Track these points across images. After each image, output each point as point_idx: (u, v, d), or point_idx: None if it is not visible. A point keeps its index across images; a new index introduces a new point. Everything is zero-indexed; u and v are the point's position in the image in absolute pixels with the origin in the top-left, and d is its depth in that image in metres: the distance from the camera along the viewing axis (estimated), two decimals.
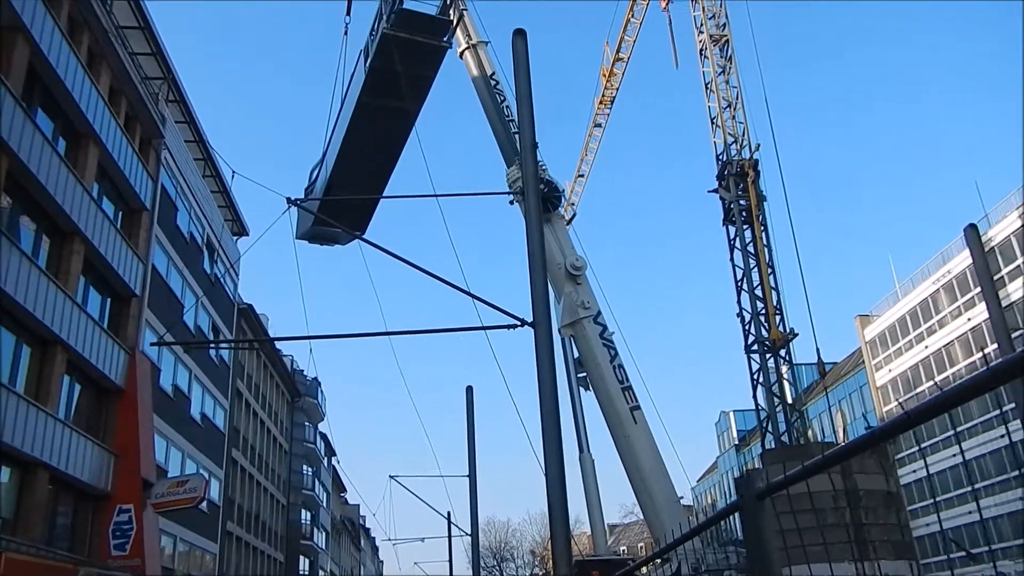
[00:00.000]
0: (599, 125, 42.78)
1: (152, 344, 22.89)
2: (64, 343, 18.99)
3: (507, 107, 24.13)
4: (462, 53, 25.39)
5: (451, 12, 20.83)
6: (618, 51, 38.73)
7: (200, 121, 30.59)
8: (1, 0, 16.49)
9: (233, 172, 30.07)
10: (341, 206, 23.85)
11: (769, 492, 2.47)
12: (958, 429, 42.71)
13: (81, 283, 20.74)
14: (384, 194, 24.15)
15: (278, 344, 43.74)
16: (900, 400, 48.73)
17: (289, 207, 13.56)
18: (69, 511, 20.15)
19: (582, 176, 44.71)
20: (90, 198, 20.55)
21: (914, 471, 46.22)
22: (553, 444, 10.10)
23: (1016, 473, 36.00)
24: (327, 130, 23.84)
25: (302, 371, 51.96)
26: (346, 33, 23.47)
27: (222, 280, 33.98)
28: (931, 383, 45.13)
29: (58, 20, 18.88)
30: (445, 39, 20.62)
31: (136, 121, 24.54)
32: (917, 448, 45.12)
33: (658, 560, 16.84)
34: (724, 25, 28.57)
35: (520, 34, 13.34)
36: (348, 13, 23.71)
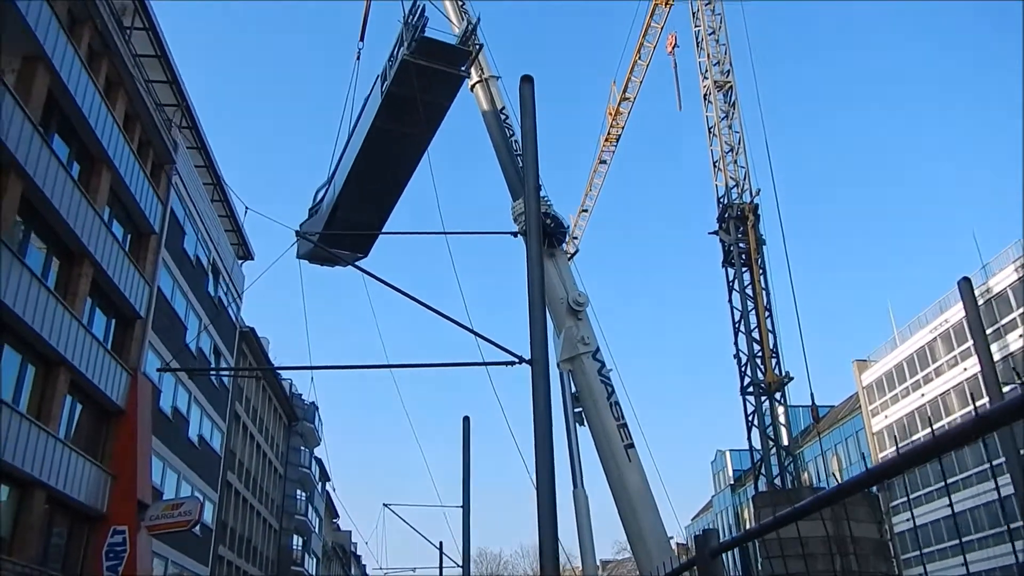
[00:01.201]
0: (604, 162, 43.41)
1: (158, 370, 23.13)
2: (68, 363, 19.25)
3: (515, 141, 24.51)
4: (473, 87, 25.85)
5: (470, 43, 21.16)
6: (624, 91, 39.42)
7: (211, 147, 31.13)
8: (26, 31, 16.98)
9: (247, 208, 30.50)
10: (345, 229, 23.91)
11: (722, 550, 2.75)
12: (949, 481, 42.67)
13: (88, 305, 21.06)
14: (389, 219, 24.43)
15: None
16: (895, 447, 48.75)
17: (298, 240, 13.86)
18: (64, 531, 20.28)
19: (586, 211, 45.26)
20: (101, 221, 20.93)
21: (907, 520, 46.13)
22: (546, 479, 10.35)
23: (1003, 528, 35.97)
24: (334, 152, 24.06)
25: (300, 395, 52.13)
26: (358, 58, 23.94)
27: (226, 303, 34.31)
28: (926, 431, 45.18)
29: (79, 50, 19.39)
30: (463, 68, 20.78)
31: (149, 146, 25.04)
32: (907, 498, 45.06)
33: None
34: (728, 72, 29.16)
35: (527, 80, 13.78)
36: (362, 39, 24.26)
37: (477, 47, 20.88)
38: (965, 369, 42.63)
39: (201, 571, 31.06)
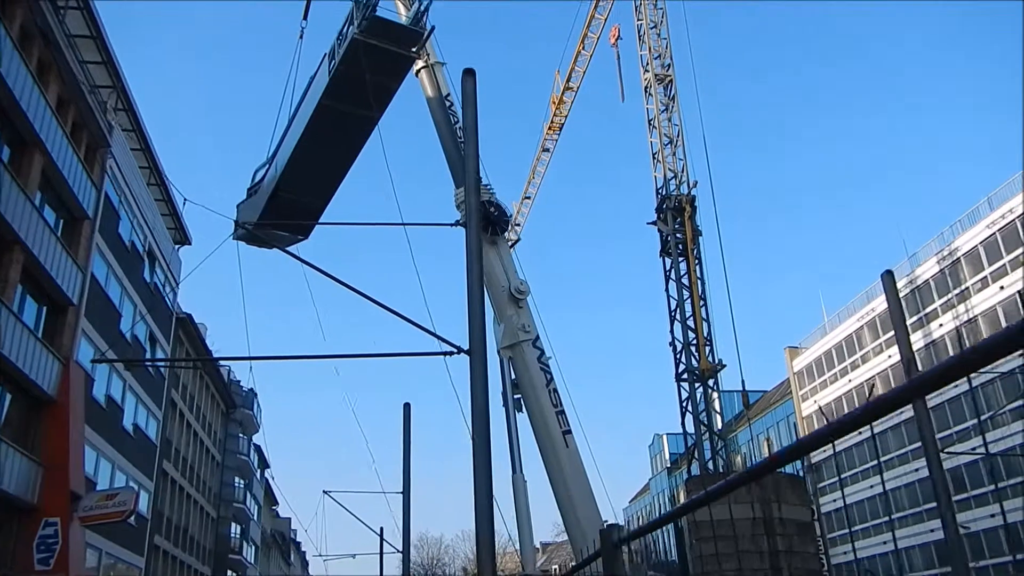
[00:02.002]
0: (547, 150, 43.77)
1: (93, 361, 22.64)
2: None
3: (460, 128, 24.55)
4: (418, 72, 25.75)
5: (421, 24, 20.83)
6: (568, 81, 39.76)
7: (147, 130, 30.47)
8: None
9: (184, 199, 29.83)
10: (286, 209, 23.40)
11: (622, 542, 3.05)
12: (875, 463, 44.44)
13: (18, 292, 20.54)
14: (331, 201, 24.08)
15: (215, 353, 43.35)
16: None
17: (236, 230, 13.78)
18: None
19: (528, 199, 45.61)
20: (32, 207, 20.43)
21: (834, 500, 47.91)
22: (483, 466, 10.62)
23: (931, 506, 37.70)
24: (274, 132, 23.52)
25: (238, 382, 51.44)
26: (301, 38, 23.58)
27: (162, 289, 33.69)
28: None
29: (9, 30, 18.83)
30: (414, 50, 20.53)
31: (83, 130, 24.41)
32: (837, 479, 46.77)
33: None
34: (669, 65, 29.69)
35: (470, 73, 13.94)
36: (305, 17, 23.87)
37: (429, 28, 20.61)
38: (890, 356, 44.32)
39: (136, 562, 30.62)
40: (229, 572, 49.09)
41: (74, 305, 23.42)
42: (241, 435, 52.97)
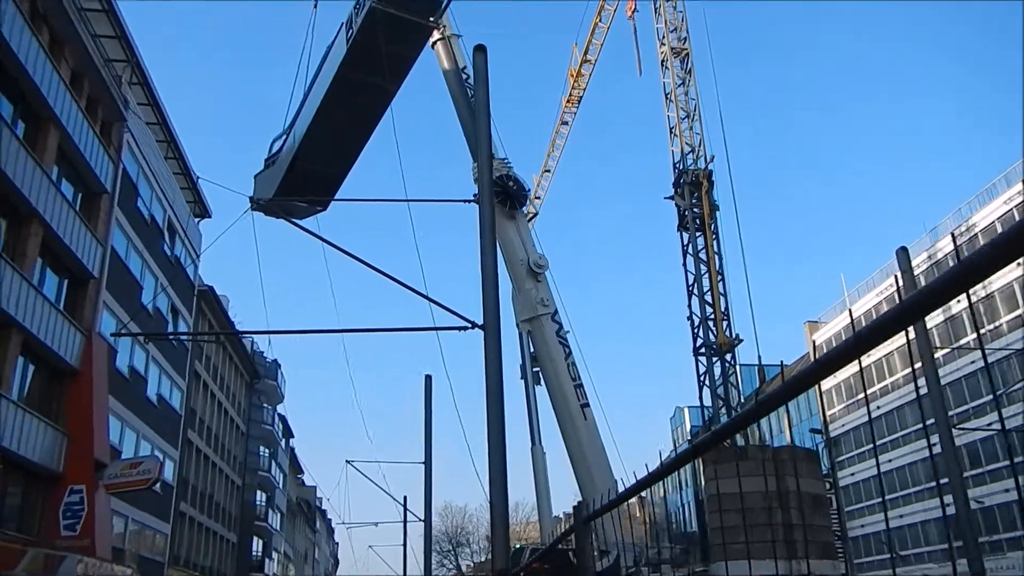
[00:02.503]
0: (566, 123, 43.48)
1: (113, 334, 22.93)
2: (19, 325, 19.13)
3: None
4: (434, 44, 25.55)
5: None
6: (586, 53, 39.32)
7: (163, 103, 30.59)
8: None
9: (197, 177, 29.88)
10: (304, 180, 23.24)
11: (592, 518, 3.10)
12: (888, 438, 44.18)
13: (38, 265, 20.84)
14: (350, 171, 23.86)
15: (237, 325, 43.83)
16: (843, 404, 50.11)
17: (251, 207, 13.84)
18: (19, 492, 20.33)
19: (548, 171, 45.39)
20: (49, 181, 20.63)
21: (852, 474, 47.75)
22: (497, 441, 10.68)
23: (933, 484, 37.58)
24: (290, 102, 23.32)
25: (262, 352, 52.01)
26: (315, 7, 23.44)
27: (182, 262, 34.02)
28: (872, 389, 46.58)
29: (20, 5, 18.90)
30: (432, 19, 20.25)
31: (98, 104, 24.55)
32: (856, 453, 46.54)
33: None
34: (685, 39, 29.24)
35: (480, 49, 13.80)
36: None
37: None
38: (910, 330, 43.78)
39: (163, 528, 31.30)
40: (255, 538, 50.06)
41: (95, 278, 23.73)
42: (265, 405, 53.70)
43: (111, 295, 24.97)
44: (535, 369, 24.69)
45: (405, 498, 31.17)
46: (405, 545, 31.67)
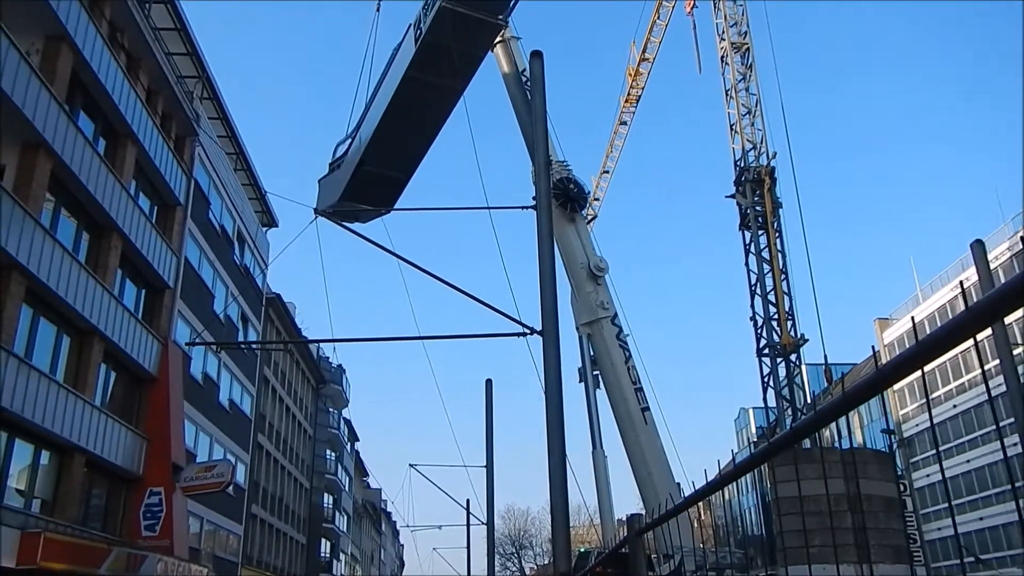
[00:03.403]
0: (624, 123, 43.37)
1: (188, 343, 23.68)
2: (101, 334, 20.00)
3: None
4: (494, 47, 25.65)
5: None
6: (644, 51, 39.20)
7: (232, 117, 31.58)
8: (48, 11, 17.36)
9: (265, 192, 30.55)
10: (369, 184, 23.34)
11: (644, 531, 3.20)
12: (966, 438, 42.75)
13: (118, 276, 21.75)
14: (415, 173, 23.94)
15: (304, 332, 44.87)
16: (917, 403, 48.78)
17: (316, 218, 14.23)
18: (103, 493, 21.24)
19: (607, 172, 45.32)
20: (127, 195, 21.52)
21: (928, 475, 46.40)
22: (557, 446, 10.83)
23: (1008, 487, 36.28)
24: (353, 106, 23.37)
25: (327, 358, 53.07)
26: (378, 10, 23.73)
27: (251, 271, 35.00)
28: (947, 387, 45.22)
29: (99, 27, 19.77)
30: (502, 17, 20.18)
31: (172, 119, 25.51)
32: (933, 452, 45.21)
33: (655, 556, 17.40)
34: (745, 33, 28.94)
35: (537, 55, 13.93)
36: None
37: None
38: (988, 328, 42.35)
39: (236, 529, 32.24)
40: (322, 540, 51.06)
41: (170, 288, 24.64)
42: (331, 409, 54.75)
43: (185, 304, 25.88)
44: (595, 372, 24.69)
45: (468, 501, 31.47)
46: (469, 548, 31.93)
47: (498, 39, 25.22)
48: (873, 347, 50.38)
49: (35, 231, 16.92)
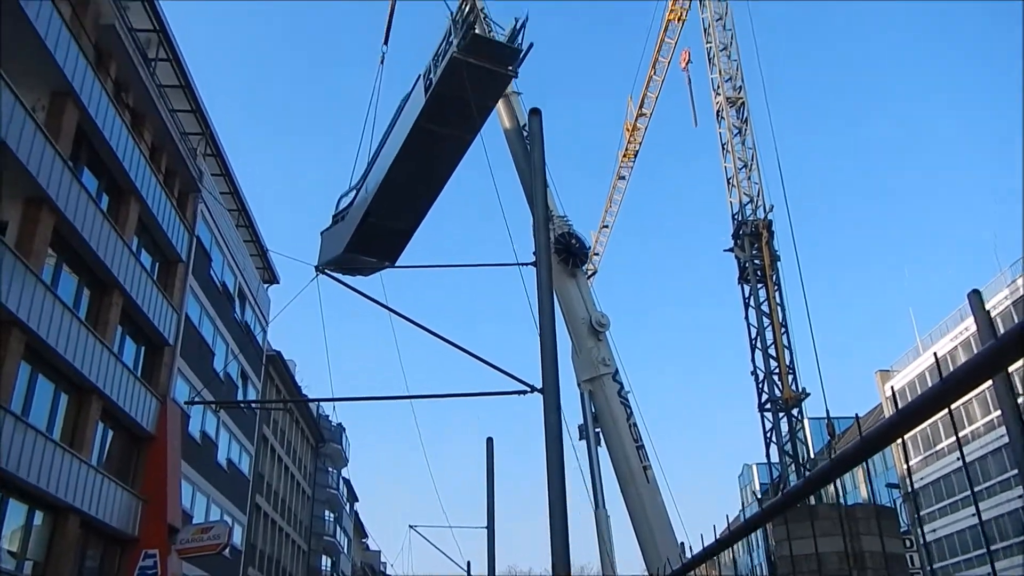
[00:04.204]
0: (623, 178, 43.76)
1: (187, 402, 23.49)
2: (100, 391, 19.83)
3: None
4: None
5: (517, 42, 20.54)
6: (641, 107, 39.77)
7: (235, 174, 31.86)
8: (55, 67, 17.65)
9: (267, 249, 30.69)
10: (374, 236, 23.34)
11: None
12: (974, 490, 42.14)
13: (118, 333, 21.67)
14: (419, 226, 23.97)
15: (304, 389, 44.56)
16: (919, 456, 48.30)
17: (317, 275, 14.23)
18: (97, 555, 20.79)
19: (606, 227, 45.57)
20: (129, 252, 21.57)
21: (934, 531, 45.64)
22: (558, 505, 10.64)
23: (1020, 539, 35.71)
24: (357, 159, 23.22)
25: (327, 416, 52.61)
26: (382, 62, 24.01)
27: (252, 328, 34.92)
28: (950, 439, 44.77)
29: (105, 84, 20.08)
30: (511, 68, 20.18)
31: (175, 176, 25.75)
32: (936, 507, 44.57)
33: None
34: (740, 88, 29.40)
35: (536, 112, 14.09)
36: (386, 42, 24.33)
37: (528, 46, 20.37)
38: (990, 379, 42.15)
39: None
40: None
41: (170, 345, 24.53)
42: (330, 469, 54.07)
43: (184, 361, 25.74)
44: (596, 430, 24.40)
45: (468, 563, 30.81)
46: None
47: None
48: (892, 391, 50.09)
49: (36, 287, 16.91)
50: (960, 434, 44.68)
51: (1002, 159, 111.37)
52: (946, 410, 1.62)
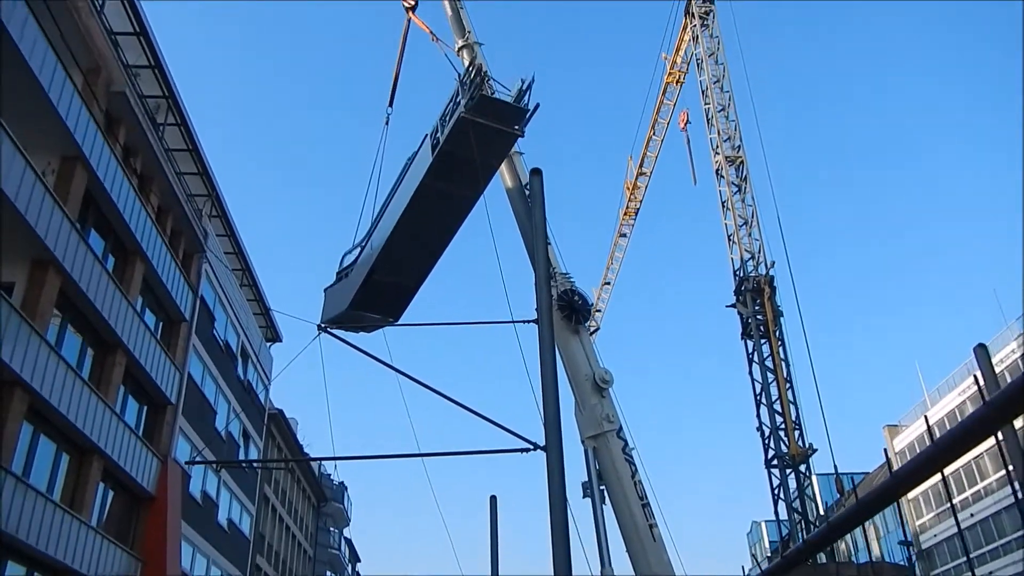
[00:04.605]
0: (624, 235, 44.08)
1: (188, 462, 23.33)
2: (101, 452, 19.73)
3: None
4: None
5: (524, 102, 20.90)
6: (641, 166, 40.29)
7: (240, 234, 32.16)
8: (66, 132, 18.00)
9: (270, 308, 30.85)
10: (378, 293, 23.45)
11: None
12: (985, 549, 41.44)
13: (120, 392, 21.65)
14: (424, 283, 24.09)
15: (306, 447, 44.24)
16: (932, 512, 47.60)
17: (319, 334, 14.30)
18: None
19: (608, 284, 45.73)
20: (134, 312, 21.68)
21: None
22: (563, 564, 10.50)
23: None
24: (360, 217, 23.53)
25: (329, 475, 52.13)
26: (387, 123, 24.44)
27: (254, 386, 34.85)
28: (962, 495, 44.15)
29: (114, 149, 20.43)
30: (518, 127, 20.35)
31: (180, 236, 26.01)
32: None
33: None
34: (739, 147, 29.83)
35: (536, 172, 14.31)
36: (390, 104, 24.85)
37: (534, 106, 20.71)
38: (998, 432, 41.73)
39: None
40: None
41: (172, 404, 24.48)
42: (332, 528, 53.36)
43: (186, 420, 25.65)
44: (601, 487, 24.09)
45: None
46: None
47: None
48: (885, 450, 49.52)
49: (40, 347, 16.96)
50: (972, 490, 44.11)
51: (1007, 212, 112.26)
52: (940, 474, 1.70)
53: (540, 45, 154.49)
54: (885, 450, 44.99)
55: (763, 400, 26.10)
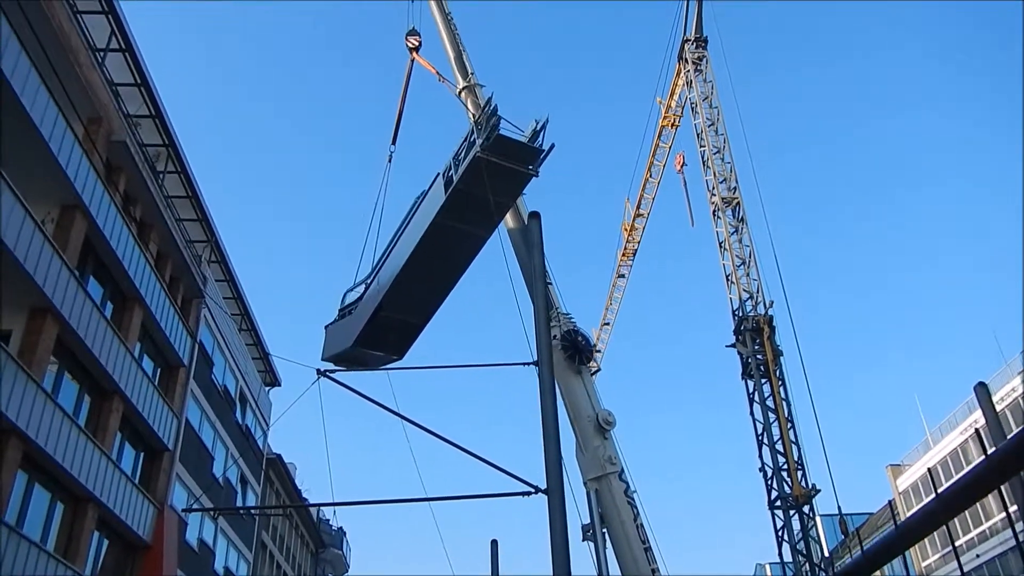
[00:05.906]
0: (622, 276, 44.18)
1: (184, 510, 23.07)
2: (96, 500, 19.51)
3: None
4: None
5: (538, 142, 20.91)
6: (638, 207, 40.52)
7: (239, 280, 32.23)
8: (66, 181, 18.12)
9: (268, 353, 30.81)
10: (383, 331, 23.28)
11: None
12: None
13: (117, 439, 21.49)
14: (430, 321, 23.91)
15: (304, 492, 43.78)
16: (937, 553, 47.01)
17: (319, 379, 14.25)
18: None
19: (608, 324, 45.71)
20: (132, 358, 21.61)
21: None
22: None
23: None
24: (362, 254, 23.60)
25: (327, 520, 51.52)
26: (390, 161, 24.54)
27: (252, 431, 34.62)
28: (968, 536, 43.62)
29: (114, 198, 20.56)
30: (532, 167, 20.32)
31: (179, 282, 26.06)
32: None
33: None
34: (735, 188, 30.08)
35: (535, 216, 14.35)
36: (394, 142, 25.03)
37: (549, 146, 20.75)
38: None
39: None
40: None
41: (169, 450, 24.29)
42: (331, 575, 52.56)
43: (183, 466, 25.43)
44: (602, 530, 23.82)
45: None
46: None
47: None
48: (891, 502, 49.07)
49: (36, 395, 16.88)
50: (977, 530, 43.58)
51: (1004, 252, 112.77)
52: (943, 527, 1.68)
53: (537, 83, 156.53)
54: (891, 502, 44.48)
55: (765, 440, 25.96)
